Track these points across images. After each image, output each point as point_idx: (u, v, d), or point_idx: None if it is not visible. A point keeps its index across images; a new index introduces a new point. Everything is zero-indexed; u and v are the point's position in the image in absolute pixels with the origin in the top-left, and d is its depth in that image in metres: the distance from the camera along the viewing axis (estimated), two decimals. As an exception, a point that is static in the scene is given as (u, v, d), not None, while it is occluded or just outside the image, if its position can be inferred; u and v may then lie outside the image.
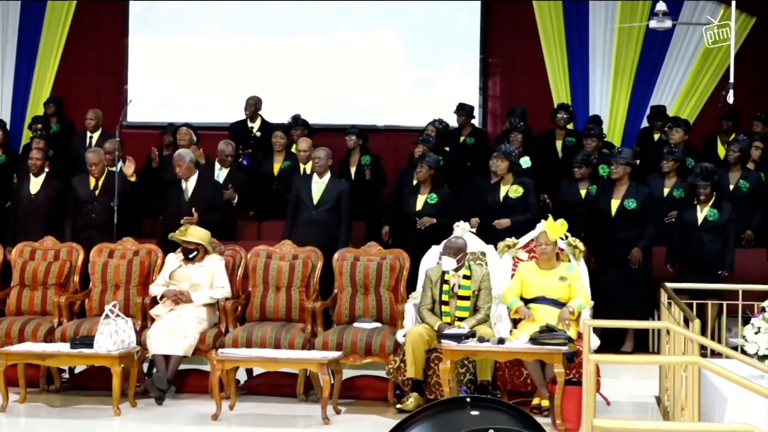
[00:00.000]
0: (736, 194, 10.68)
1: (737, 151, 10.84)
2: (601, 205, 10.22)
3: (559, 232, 8.86)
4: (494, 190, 10.33)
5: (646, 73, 13.49)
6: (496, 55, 13.85)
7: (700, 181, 10.03)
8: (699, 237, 10.04)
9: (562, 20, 13.54)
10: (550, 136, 12.37)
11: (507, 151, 10.27)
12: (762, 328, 7.82)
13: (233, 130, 12.47)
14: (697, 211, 10.07)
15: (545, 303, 8.71)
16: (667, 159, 10.79)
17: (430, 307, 8.79)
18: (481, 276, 8.79)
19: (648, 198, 10.19)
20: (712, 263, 9.99)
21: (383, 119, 13.74)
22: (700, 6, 13.30)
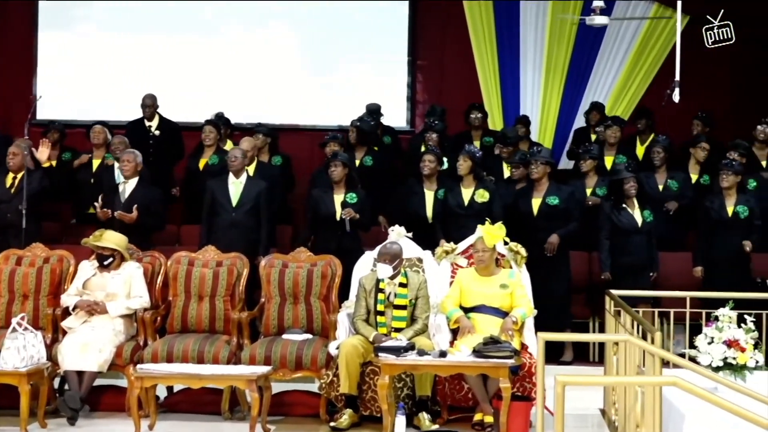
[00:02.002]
0: (667, 195, 10.36)
1: (662, 151, 10.48)
2: (522, 206, 9.81)
3: (497, 238, 8.40)
4: (455, 192, 9.81)
5: (578, 72, 13.19)
6: (424, 55, 13.44)
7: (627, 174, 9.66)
8: (638, 240, 9.67)
9: (492, 18, 13.17)
10: (466, 137, 11.91)
11: (471, 151, 9.80)
12: (715, 338, 7.50)
13: (130, 129, 11.83)
14: (633, 214, 9.66)
15: (486, 312, 8.25)
16: (584, 158, 10.42)
17: (365, 317, 8.27)
18: (418, 284, 8.29)
19: (570, 196, 9.82)
20: (644, 266, 9.68)
21: (303, 118, 13.27)
22: (633, 3, 13.01)
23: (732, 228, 9.67)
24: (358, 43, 13.42)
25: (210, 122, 11.39)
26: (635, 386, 6.21)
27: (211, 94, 13.05)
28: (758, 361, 7.40)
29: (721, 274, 9.54)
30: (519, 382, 7.95)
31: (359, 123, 11.22)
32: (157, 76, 13.07)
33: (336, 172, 9.73)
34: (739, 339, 7.43)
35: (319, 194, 9.89)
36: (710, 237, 9.77)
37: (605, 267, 9.72)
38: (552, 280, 9.57)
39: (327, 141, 10.83)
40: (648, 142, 11.64)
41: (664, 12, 12.99)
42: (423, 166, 10.13)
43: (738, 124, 12.33)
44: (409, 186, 10.46)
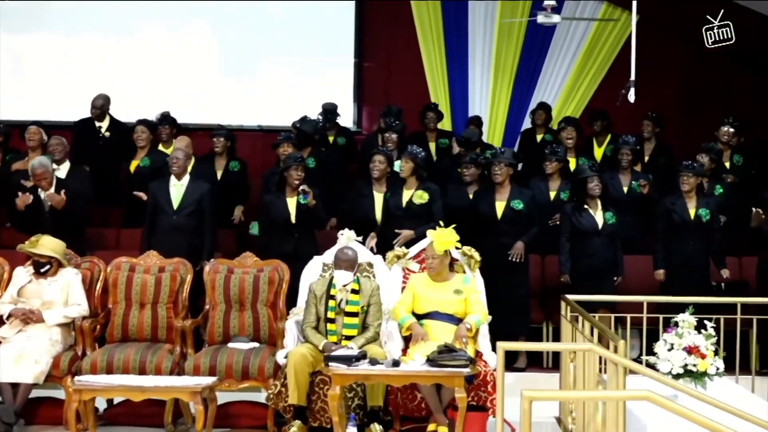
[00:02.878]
0: (631, 197, 10.15)
1: (629, 153, 10.28)
2: (484, 209, 9.53)
3: (448, 243, 8.14)
4: (396, 193, 9.52)
5: (527, 73, 13.02)
6: (371, 54, 13.18)
7: (591, 173, 9.44)
8: (599, 243, 9.43)
9: (440, 18, 12.97)
10: (422, 138, 11.67)
11: (413, 152, 9.50)
12: (675, 344, 7.31)
13: (77, 129, 11.42)
14: (594, 216, 9.46)
15: (439, 319, 7.99)
16: (550, 160, 10.17)
17: (314, 324, 7.97)
18: (370, 290, 8.01)
19: (532, 200, 9.57)
20: (606, 271, 9.42)
21: (252, 119, 12.94)
22: (582, 3, 12.85)
23: (693, 231, 9.44)
24: (305, 43, 13.11)
25: (143, 122, 10.95)
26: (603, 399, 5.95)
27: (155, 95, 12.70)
28: (719, 368, 7.22)
29: (681, 279, 9.34)
30: (474, 391, 7.71)
31: (300, 124, 10.90)
32: (101, 76, 12.70)
33: (300, 177, 9.42)
34: (699, 345, 7.24)
35: (271, 199, 9.58)
36: (671, 240, 9.52)
37: (564, 270, 9.50)
38: (513, 285, 9.35)
39: (280, 142, 10.40)
40: (605, 143, 11.48)
41: (613, 12, 12.85)
42: (372, 168, 9.84)
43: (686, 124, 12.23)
44: (358, 188, 10.16)
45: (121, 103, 11.77)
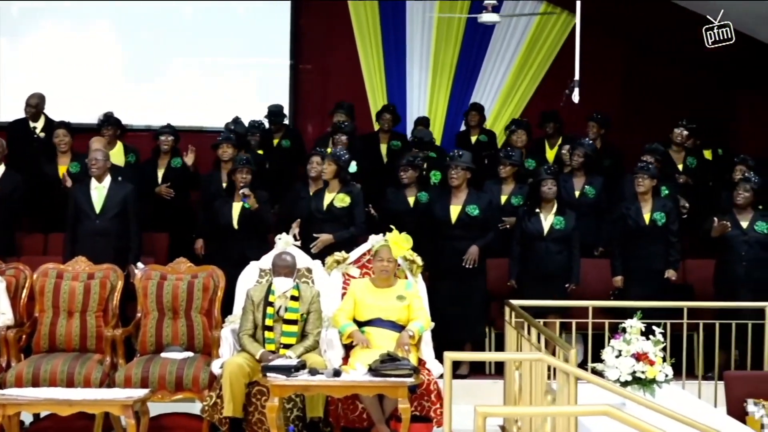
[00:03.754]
0: (583, 201, 9.95)
1: (582, 156, 10.09)
2: (438, 213, 9.28)
3: (405, 249, 7.92)
4: (317, 196, 9.24)
5: (465, 72, 12.83)
6: (308, 54, 12.90)
7: (545, 176, 9.24)
8: (545, 248, 9.21)
9: (377, 15, 12.72)
10: (374, 139, 11.41)
11: (336, 154, 9.23)
12: (623, 350, 7.12)
13: (12, 130, 10.97)
14: (542, 220, 9.25)
15: (381, 326, 7.75)
16: (505, 164, 9.92)
17: (251, 332, 7.67)
18: (310, 297, 7.73)
19: (489, 205, 9.34)
20: (557, 276, 9.19)
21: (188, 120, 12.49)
22: (521, 3, 12.69)
23: (649, 236, 9.25)
24: (240, 43, 12.81)
25: (62, 125, 10.42)
26: (510, 395, 5.74)
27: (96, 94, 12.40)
28: (667, 375, 7.05)
29: (637, 284, 9.16)
30: (417, 400, 7.46)
31: (234, 126, 10.57)
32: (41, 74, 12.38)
33: (247, 179, 9.11)
34: (648, 352, 7.05)
35: (219, 203, 9.27)
36: (627, 246, 9.32)
37: (512, 274, 9.31)
38: (468, 291, 9.13)
39: (220, 142, 10.06)
40: (557, 145, 11.30)
41: (552, 11, 12.70)
42: (309, 169, 9.59)
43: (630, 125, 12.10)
44: (296, 190, 9.89)
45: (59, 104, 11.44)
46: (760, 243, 9.05)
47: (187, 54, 12.80)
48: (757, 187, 9.16)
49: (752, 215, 9.14)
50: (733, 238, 9.07)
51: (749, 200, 9.13)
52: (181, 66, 12.82)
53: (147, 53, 12.75)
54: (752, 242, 9.04)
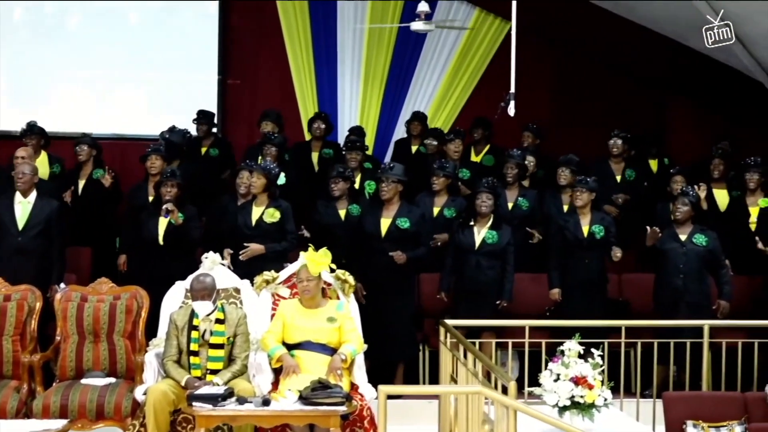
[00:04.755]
0: (516, 214, 9.75)
1: (515, 167, 9.88)
2: (368, 226, 9.02)
3: (323, 265, 7.62)
4: (245, 211, 8.93)
5: (398, 79, 12.55)
6: (237, 60, 12.50)
7: (481, 188, 9.02)
8: (475, 262, 8.99)
9: (308, 21, 12.40)
10: (305, 148, 11.11)
11: (266, 167, 8.92)
12: (561, 374, 6.95)
13: None
14: (474, 233, 9.03)
15: (312, 349, 7.46)
16: (438, 175, 9.67)
17: (176, 357, 7.35)
18: (237, 319, 7.43)
19: (421, 218, 9.11)
20: (489, 292, 8.97)
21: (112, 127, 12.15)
22: (454, 8, 12.51)
23: (588, 249, 9.07)
24: (165, 46, 12.41)
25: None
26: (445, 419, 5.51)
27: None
28: (606, 399, 6.89)
29: (576, 300, 8.99)
30: (350, 427, 7.20)
31: (168, 135, 10.22)
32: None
33: (172, 192, 8.77)
34: (586, 375, 6.90)
35: (146, 216, 8.93)
36: (565, 259, 9.15)
37: (442, 287, 9.11)
38: (397, 307, 8.89)
39: (148, 154, 9.70)
40: (483, 153, 11.10)
41: (485, 18, 12.51)
42: (239, 184, 9.29)
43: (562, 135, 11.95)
44: (223, 204, 9.57)
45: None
46: (699, 256, 8.90)
47: (125, 56, 12.36)
48: (696, 201, 9.03)
49: (691, 228, 8.99)
50: (672, 251, 8.92)
51: (688, 215, 8.97)
52: (107, 75, 12.37)
53: (78, 62, 12.30)
54: (690, 255, 8.89)
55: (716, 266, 8.96)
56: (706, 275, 8.95)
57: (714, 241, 8.92)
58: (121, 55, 12.24)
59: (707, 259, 8.91)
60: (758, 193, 9.78)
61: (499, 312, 8.89)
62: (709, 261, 8.92)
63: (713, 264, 8.95)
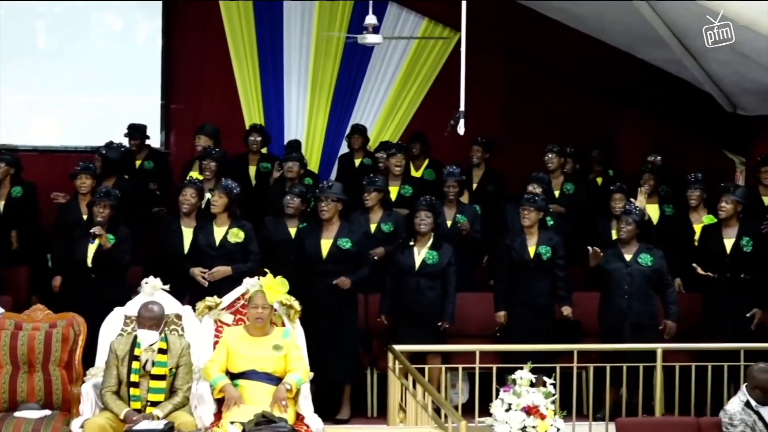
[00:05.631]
0: (456, 231, 9.52)
1: (456, 185, 9.67)
2: (309, 247, 8.76)
3: (280, 293, 7.41)
4: (206, 231, 8.65)
5: (345, 92, 12.31)
6: (180, 69, 12.21)
7: (419, 207, 8.79)
8: (416, 283, 8.75)
9: (253, 32, 12.14)
10: (242, 161, 10.84)
11: (227, 186, 8.67)
12: (513, 404, 6.80)
13: None
14: (414, 253, 8.81)
15: (256, 378, 7.22)
16: (369, 190, 9.42)
17: (115, 388, 7.09)
18: (180, 349, 7.18)
19: (363, 237, 8.88)
20: (430, 314, 8.73)
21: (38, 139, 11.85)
22: (402, 18, 12.30)
23: (534, 270, 8.84)
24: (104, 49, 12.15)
25: None
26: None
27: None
28: (559, 429, 6.75)
29: (523, 322, 8.77)
30: (295, 460, 6.97)
31: (105, 151, 9.90)
32: None
33: (104, 214, 8.47)
34: (538, 405, 6.77)
35: (77, 237, 8.63)
36: (511, 280, 8.92)
37: (382, 309, 8.86)
38: (340, 330, 8.62)
39: (78, 173, 9.38)
40: (423, 168, 10.92)
41: (434, 29, 12.32)
42: (182, 201, 8.98)
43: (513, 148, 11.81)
44: (165, 223, 9.27)
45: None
46: (644, 276, 8.69)
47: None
48: (640, 218, 8.85)
49: (637, 247, 8.79)
50: (616, 272, 8.70)
51: (632, 233, 8.79)
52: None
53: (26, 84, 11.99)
54: (635, 275, 8.67)
55: (662, 286, 8.77)
56: (652, 295, 8.76)
57: (660, 259, 8.74)
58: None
59: (653, 279, 8.72)
60: (701, 210, 9.62)
61: (442, 334, 8.70)
62: (655, 281, 8.73)
63: (659, 283, 8.76)
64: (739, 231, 8.96)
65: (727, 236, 8.96)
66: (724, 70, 10.76)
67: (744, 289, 8.86)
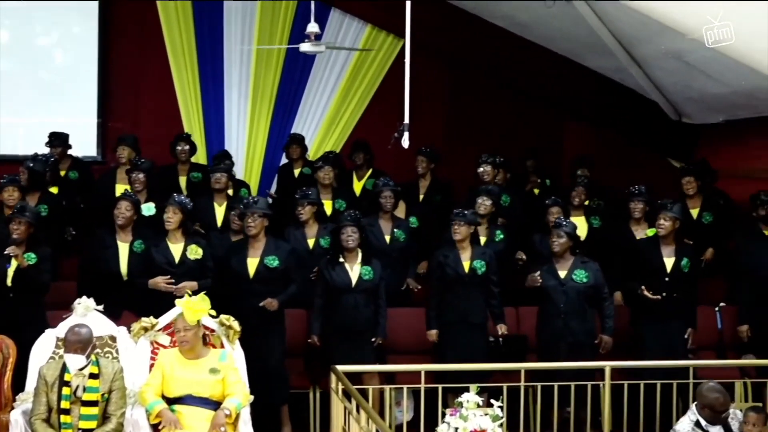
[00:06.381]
0: (395, 246, 9.33)
1: (393, 196, 9.45)
2: (235, 265, 8.46)
3: (201, 312, 7.12)
4: (162, 249, 8.36)
5: (287, 100, 12.06)
6: (118, 78, 11.86)
7: (346, 222, 8.56)
8: (354, 301, 8.49)
9: (193, 39, 11.85)
10: (172, 172, 10.55)
11: (182, 202, 8.40)
12: (460, 428, 6.61)
13: None
14: (348, 270, 8.56)
15: (193, 403, 6.96)
16: (302, 204, 9.18)
17: (45, 416, 6.78)
18: (112, 373, 6.88)
19: (290, 255, 8.57)
20: (366, 331, 8.51)
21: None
22: (345, 25, 12.07)
23: (468, 285, 8.64)
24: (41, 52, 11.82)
25: None
26: None
27: None
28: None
29: (457, 338, 8.57)
30: (234, 488, 6.73)
31: (32, 164, 9.53)
32: None
33: (19, 231, 8.10)
34: (486, 429, 6.58)
35: None
36: (445, 296, 8.71)
37: (314, 330, 8.54)
38: (268, 350, 8.32)
39: (4, 185, 9.02)
40: (366, 177, 10.71)
41: (377, 35, 12.11)
42: (117, 215, 8.66)
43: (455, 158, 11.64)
44: (99, 237, 8.93)
45: None
46: (579, 293, 8.53)
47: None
48: (573, 231, 8.69)
49: (571, 262, 8.62)
50: (551, 290, 8.53)
51: (565, 246, 8.62)
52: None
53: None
54: (570, 293, 8.51)
55: (599, 300, 8.63)
56: (590, 312, 8.61)
57: (596, 273, 8.59)
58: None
59: (589, 295, 8.56)
60: (643, 223, 9.49)
61: (378, 350, 8.53)
62: (591, 296, 8.58)
63: (596, 298, 8.61)
64: (678, 250, 8.86)
65: (666, 254, 8.84)
66: (670, 79, 10.74)
67: (674, 308, 8.76)
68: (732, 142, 11.01)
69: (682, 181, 10.01)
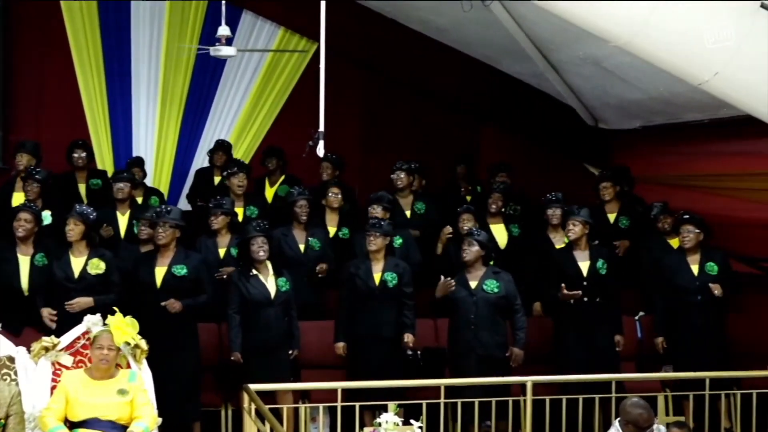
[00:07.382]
0: (311, 255, 9.05)
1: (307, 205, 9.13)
2: (143, 275, 8.17)
3: (129, 334, 6.86)
4: (63, 263, 8.02)
5: (197, 104, 11.72)
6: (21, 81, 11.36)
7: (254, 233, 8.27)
8: (273, 314, 8.21)
9: (99, 40, 11.45)
10: (71, 179, 10.15)
11: (84, 212, 8.04)
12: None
13: None
14: (264, 283, 8.24)
15: (99, 427, 6.63)
16: (216, 214, 8.89)
17: (-62, 445, 6.40)
18: (9, 398, 6.58)
19: (201, 264, 8.30)
20: (283, 344, 8.25)
21: None
22: (257, 28, 11.77)
23: (379, 298, 8.40)
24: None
25: None
26: None
27: None
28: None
29: (369, 353, 8.33)
30: None
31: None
32: None
33: None
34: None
35: None
36: (355, 309, 8.46)
37: (234, 347, 8.19)
38: (178, 364, 8.01)
39: None
40: (278, 183, 10.43)
41: (290, 39, 11.83)
42: (17, 227, 8.28)
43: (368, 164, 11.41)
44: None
45: None
46: (490, 304, 8.31)
47: None
48: (485, 240, 8.50)
49: (483, 272, 8.41)
50: (461, 301, 8.31)
51: (477, 256, 8.41)
52: None
53: None
54: (480, 304, 8.30)
55: (511, 311, 8.43)
56: (502, 324, 8.40)
57: (508, 284, 8.39)
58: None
59: (500, 306, 8.36)
60: (561, 230, 9.34)
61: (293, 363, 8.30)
62: (503, 307, 8.37)
63: (507, 309, 8.41)
64: (592, 253, 8.75)
65: (580, 259, 8.72)
66: (587, 84, 10.69)
67: (597, 314, 8.64)
68: (647, 148, 10.98)
69: (599, 187, 9.95)
